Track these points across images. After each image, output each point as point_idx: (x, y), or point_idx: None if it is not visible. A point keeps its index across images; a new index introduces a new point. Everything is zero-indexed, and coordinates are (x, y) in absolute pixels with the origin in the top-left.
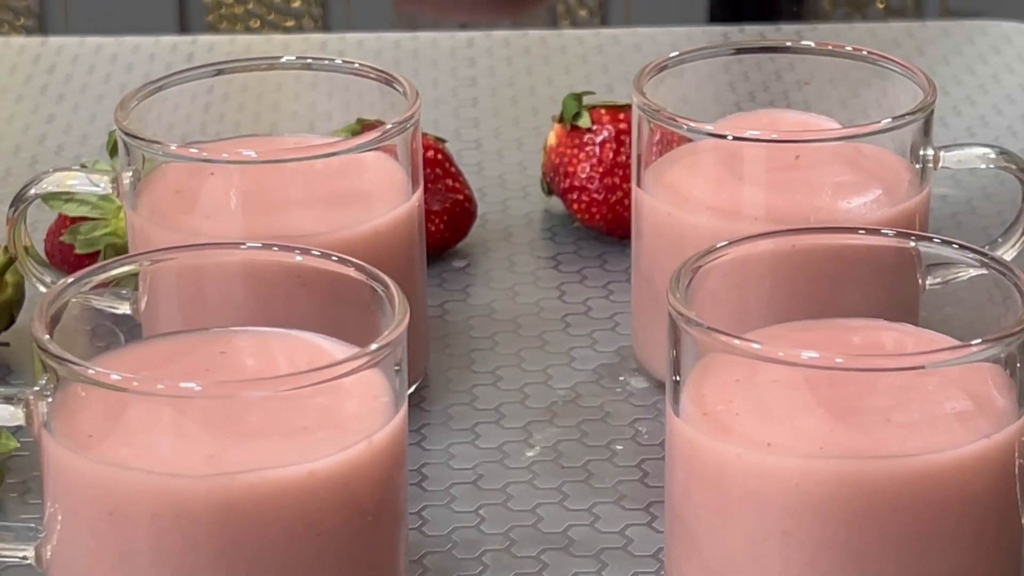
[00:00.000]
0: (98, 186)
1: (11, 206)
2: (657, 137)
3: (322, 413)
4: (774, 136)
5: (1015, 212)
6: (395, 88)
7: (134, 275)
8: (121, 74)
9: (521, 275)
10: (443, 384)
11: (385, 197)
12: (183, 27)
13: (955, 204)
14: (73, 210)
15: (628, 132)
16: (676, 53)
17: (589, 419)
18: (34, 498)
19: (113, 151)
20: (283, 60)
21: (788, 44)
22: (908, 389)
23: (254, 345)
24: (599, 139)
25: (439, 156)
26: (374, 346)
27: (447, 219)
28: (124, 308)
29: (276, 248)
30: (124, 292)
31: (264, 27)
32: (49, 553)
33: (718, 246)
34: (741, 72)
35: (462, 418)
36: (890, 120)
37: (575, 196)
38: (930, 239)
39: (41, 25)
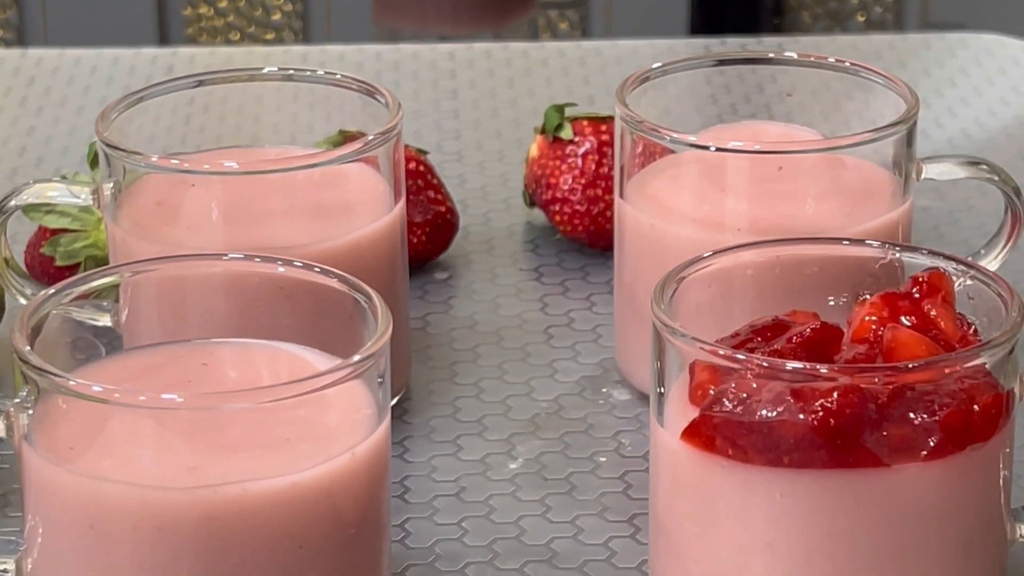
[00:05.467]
0: (79, 198)
1: None
2: (640, 149)
3: (305, 425)
4: (757, 147)
5: (997, 224)
6: (377, 100)
7: (115, 287)
8: (101, 86)
9: (503, 287)
10: (425, 396)
11: (367, 209)
12: (163, 39)
13: (937, 216)
14: (53, 222)
15: (610, 144)
16: (658, 65)
17: (572, 431)
18: (15, 511)
19: (94, 163)
20: (264, 71)
21: (770, 56)
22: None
23: (236, 357)
24: (581, 151)
25: (421, 168)
26: (357, 358)
27: (429, 231)
28: (105, 320)
29: (258, 259)
30: (105, 304)
31: (244, 39)
32: (30, 566)
33: (702, 257)
34: (723, 84)
35: (445, 430)
36: (872, 132)
37: (557, 208)
38: (914, 250)
39: (20, 37)
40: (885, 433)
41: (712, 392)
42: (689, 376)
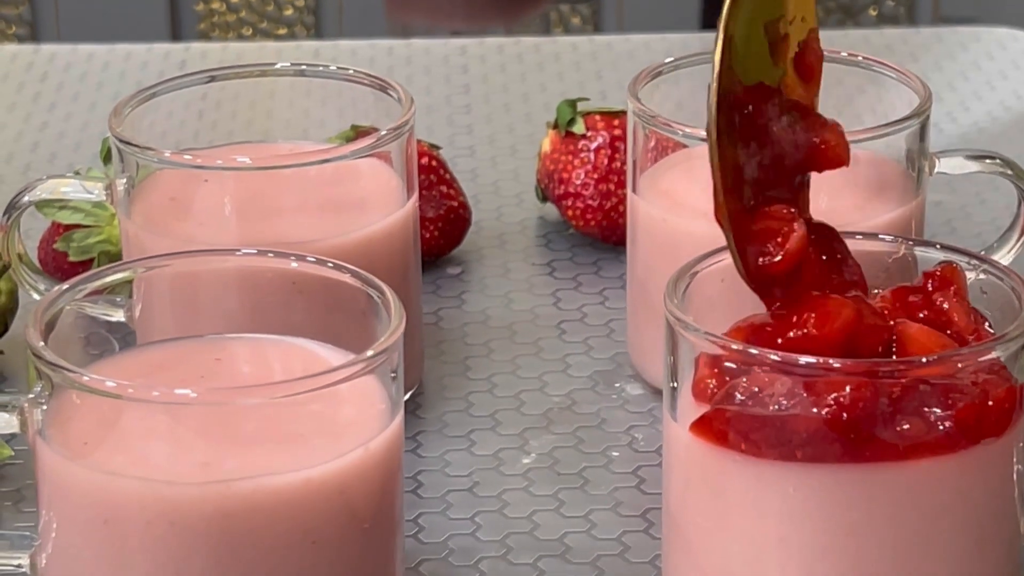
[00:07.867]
0: (92, 193)
1: (4, 213)
2: (652, 143)
3: (318, 420)
4: None
5: (1010, 218)
6: (389, 94)
7: (128, 282)
8: (114, 82)
9: (516, 282)
10: (438, 391)
11: (380, 204)
12: (175, 35)
13: (950, 210)
14: (67, 217)
15: (623, 138)
16: (671, 59)
17: (585, 426)
18: (28, 506)
19: (107, 158)
20: (277, 67)
21: None
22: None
23: (249, 352)
24: (594, 145)
25: (433, 163)
26: (370, 353)
27: (441, 226)
28: (118, 315)
29: (271, 254)
30: (118, 299)
31: (256, 35)
32: (44, 561)
33: (714, 251)
34: None
35: (458, 425)
36: (885, 126)
37: (570, 202)
38: (927, 244)
39: (33, 33)
40: (898, 427)
41: (711, 384)
42: (694, 370)
